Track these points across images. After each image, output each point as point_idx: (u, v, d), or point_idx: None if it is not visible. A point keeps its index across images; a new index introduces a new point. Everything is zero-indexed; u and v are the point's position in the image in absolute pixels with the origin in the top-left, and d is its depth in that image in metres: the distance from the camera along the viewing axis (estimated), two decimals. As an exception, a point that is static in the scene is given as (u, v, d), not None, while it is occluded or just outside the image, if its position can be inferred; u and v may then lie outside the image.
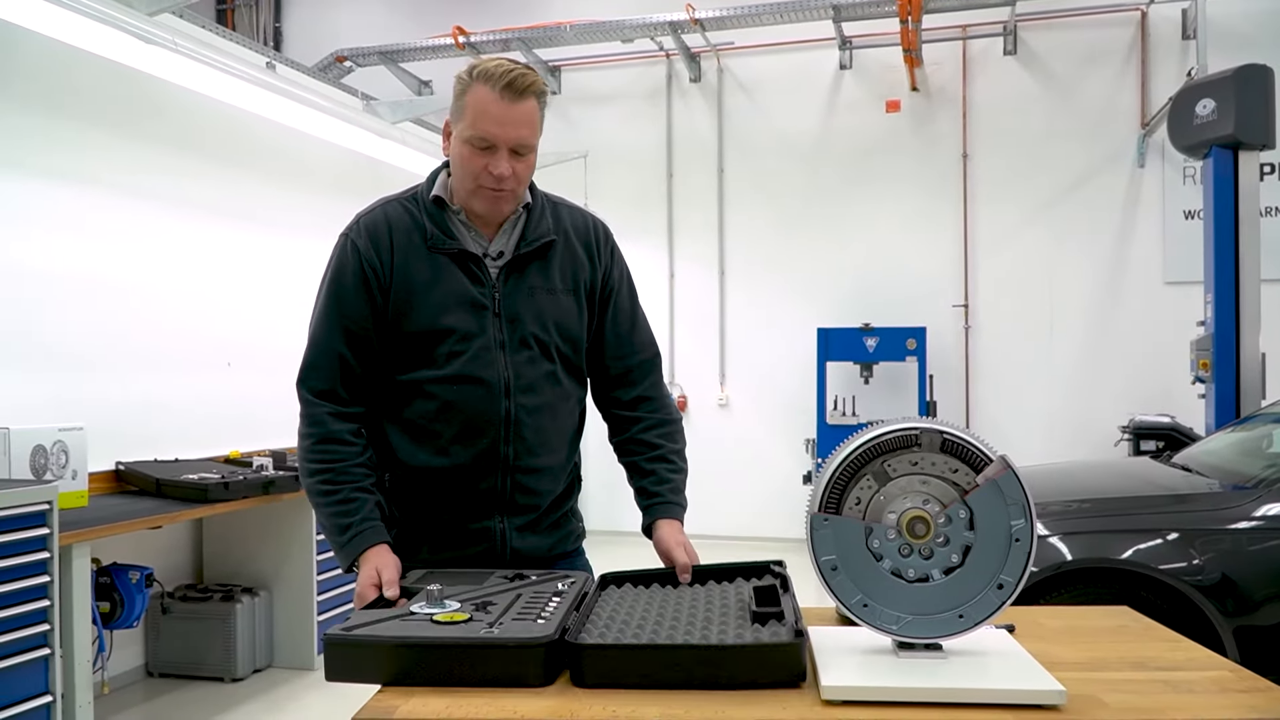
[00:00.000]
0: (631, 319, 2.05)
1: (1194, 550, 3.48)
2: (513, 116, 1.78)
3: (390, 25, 9.04)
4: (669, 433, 2.06)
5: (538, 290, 1.90)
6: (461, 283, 1.86)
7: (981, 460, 1.44)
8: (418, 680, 1.37)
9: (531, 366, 1.89)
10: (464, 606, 1.53)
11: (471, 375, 1.85)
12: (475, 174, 1.81)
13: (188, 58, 4.04)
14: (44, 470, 3.77)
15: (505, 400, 1.86)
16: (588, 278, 1.97)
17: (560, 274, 1.93)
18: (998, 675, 1.34)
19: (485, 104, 1.77)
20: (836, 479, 1.46)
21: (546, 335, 1.90)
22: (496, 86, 1.77)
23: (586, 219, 2.03)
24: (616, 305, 2.02)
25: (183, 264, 4.88)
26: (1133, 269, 7.48)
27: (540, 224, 1.93)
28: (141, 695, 4.48)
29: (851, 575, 1.44)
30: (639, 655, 1.38)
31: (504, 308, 1.87)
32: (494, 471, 1.88)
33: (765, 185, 8.18)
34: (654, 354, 2.10)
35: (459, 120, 1.83)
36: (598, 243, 2.01)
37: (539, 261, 1.91)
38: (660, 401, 2.08)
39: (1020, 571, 1.41)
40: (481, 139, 1.78)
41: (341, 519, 1.83)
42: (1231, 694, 1.35)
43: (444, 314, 1.85)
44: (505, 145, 1.79)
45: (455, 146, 1.84)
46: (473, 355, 1.85)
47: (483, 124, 1.78)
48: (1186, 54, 7.24)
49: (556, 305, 1.92)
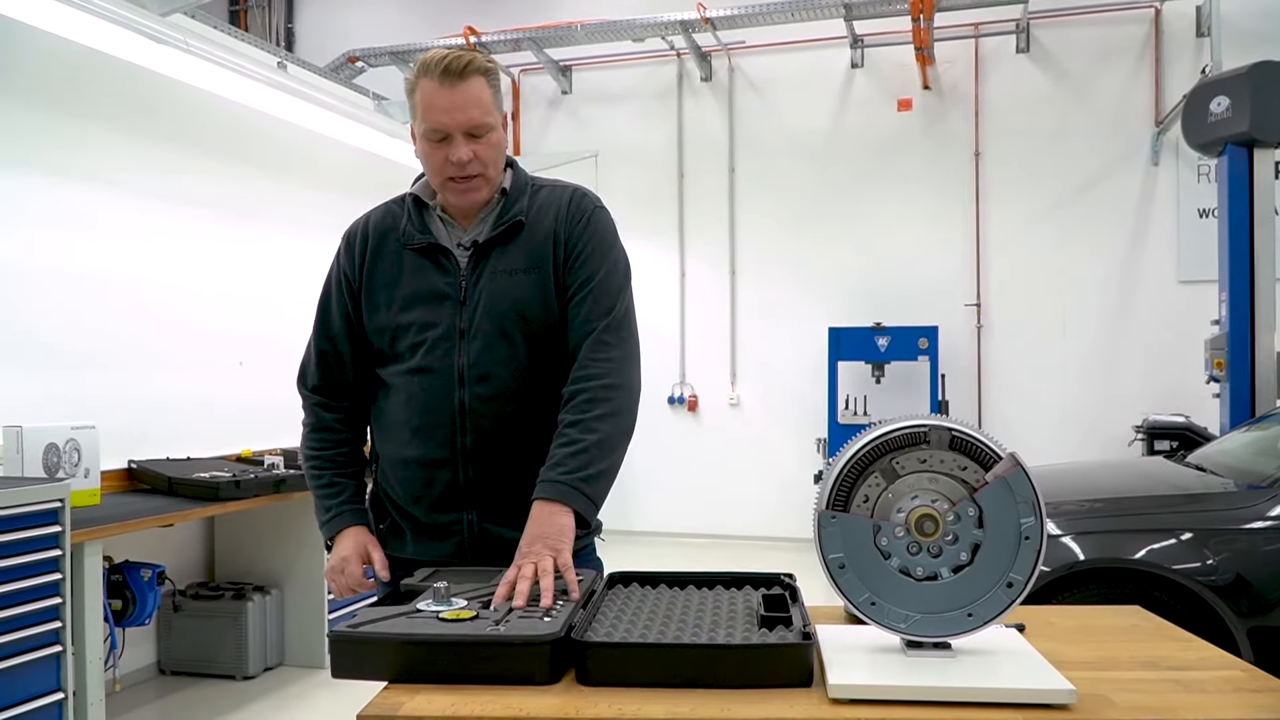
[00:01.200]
0: (593, 290, 1.87)
1: (1208, 550, 3.45)
2: (456, 100, 1.77)
3: (402, 26, 9.06)
4: (579, 399, 1.81)
5: (500, 274, 1.86)
6: (427, 276, 1.88)
7: (991, 457, 1.42)
8: (423, 677, 1.37)
9: (488, 353, 1.84)
10: (470, 604, 1.53)
11: (428, 367, 1.86)
12: (439, 167, 1.82)
13: (200, 58, 4.05)
14: (56, 468, 3.78)
15: (459, 389, 1.84)
16: (552, 254, 1.88)
17: (525, 253, 1.87)
18: (1007, 674, 1.33)
19: (429, 95, 1.78)
20: (844, 476, 1.45)
21: (507, 320, 1.84)
22: (434, 74, 1.77)
23: (561, 194, 1.94)
24: (579, 278, 1.87)
25: (195, 263, 4.90)
26: (1146, 268, 7.43)
27: (514, 207, 1.89)
28: (153, 693, 4.50)
29: (859, 573, 1.43)
30: (645, 654, 1.37)
31: (469, 295, 1.86)
32: (455, 463, 1.86)
33: (776, 184, 8.16)
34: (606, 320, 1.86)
35: (414, 118, 1.85)
36: (564, 215, 1.90)
37: (504, 244, 1.88)
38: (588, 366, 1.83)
39: (1030, 570, 1.40)
40: (434, 130, 1.79)
41: (325, 500, 1.97)
42: (1244, 694, 1.33)
43: (406, 309, 1.88)
44: (458, 130, 1.78)
45: (419, 146, 1.86)
46: (430, 346, 1.86)
47: (431, 115, 1.78)
48: (1201, 51, 7.19)
49: (519, 287, 1.85)
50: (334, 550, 1.94)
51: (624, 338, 1.88)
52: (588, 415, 1.79)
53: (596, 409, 1.79)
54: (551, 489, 1.73)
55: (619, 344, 1.86)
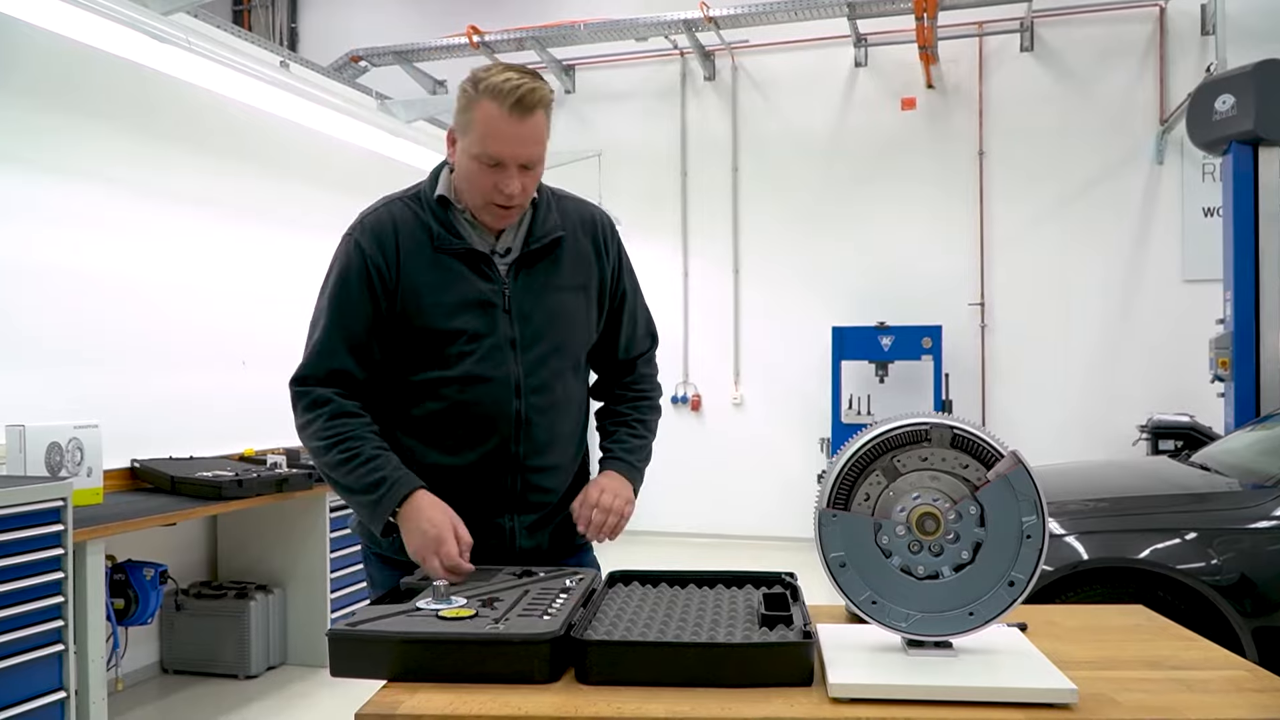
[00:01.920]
0: (635, 317, 2.06)
1: (1212, 550, 3.44)
2: (522, 135, 1.74)
3: (405, 25, 9.06)
4: (641, 405, 2.08)
5: (549, 288, 1.89)
6: (470, 282, 1.84)
7: (992, 456, 1.42)
8: (422, 676, 1.36)
9: (543, 365, 1.88)
10: (470, 603, 1.52)
11: (482, 375, 1.83)
12: (485, 191, 1.79)
13: (202, 56, 4.05)
14: (59, 467, 3.79)
15: (516, 400, 1.85)
16: (596, 276, 1.96)
17: (570, 271, 1.92)
18: (1008, 673, 1.32)
19: (494, 122, 1.73)
20: (845, 475, 1.45)
21: (558, 333, 1.90)
22: (505, 104, 1.72)
23: (592, 214, 2.01)
24: (625, 305, 2.03)
25: (198, 262, 4.90)
26: (1151, 267, 7.41)
27: (547, 220, 1.90)
28: (156, 692, 4.50)
29: (860, 572, 1.42)
30: (645, 652, 1.36)
31: (514, 305, 1.85)
32: (505, 471, 1.88)
33: (780, 184, 8.15)
34: (653, 343, 2.14)
35: (465, 134, 1.78)
36: (605, 239, 1.99)
37: (549, 258, 1.90)
38: (646, 380, 2.11)
39: (1032, 568, 1.39)
40: (491, 158, 1.75)
41: (370, 475, 1.77)
42: (1247, 693, 1.32)
43: (453, 315, 1.83)
44: (514, 163, 1.76)
45: (462, 160, 1.81)
46: (483, 355, 1.83)
47: (492, 144, 1.74)
48: (1205, 49, 7.17)
49: (567, 303, 1.91)
50: (417, 516, 1.73)
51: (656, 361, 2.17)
52: (649, 419, 2.08)
53: (655, 416, 2.10)
54: (625, 468, 1.97)
55: (657, 367, 2.16)
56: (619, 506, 1.87)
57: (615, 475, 1.95)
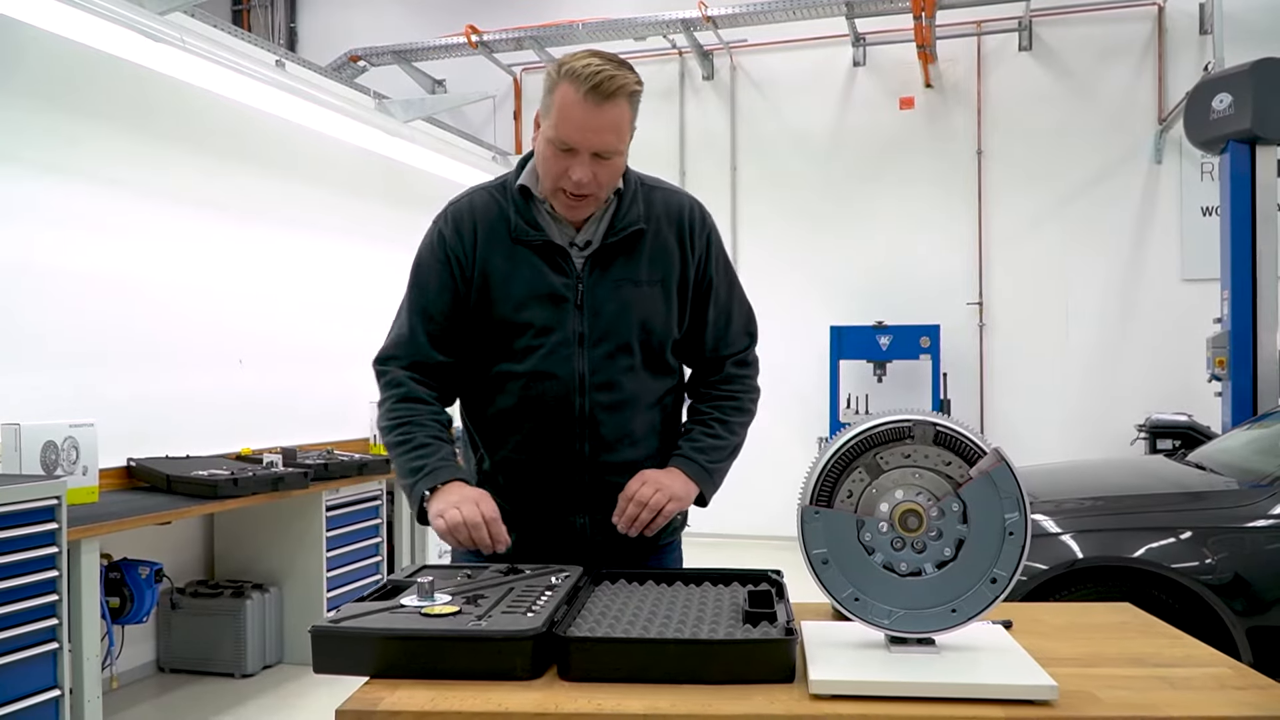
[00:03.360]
0: (728, 312, 1.99)
1: (1207, 549, 3.44)
2: (596, 122, 1.71)
3: (404, 25, 9.06)
4: (725, 405, 1.99)
5: (624, 283, 1.85)
6: (543, 275, 1.82)
7: (975, 453, 1.41)
8: (405, 673, 1.36)
9: (610, 362, 1.85)
10: (455, 599, 1.52)
11: (547, 371, 1.83)
12: (556, 176, 1.76)
13: (197, 56, 4.05)
14: (55, 466, 3.79)
15: (580, 397, 1.83)
16: (678, 269, 1.90)
17: (648, 265, 1.87)
18: (989, 670, 1.32)
19: (569, 106, 1.70)
20: (828, 472, 1.44)
21: (628, 330, 1.85)
22: (582, 89, 1.69)
23: (682, 203, 1.95)
24: (712, 298, 1.96)
25: (195, 261, 4.91)
26: (1150, 266, 7.41)
27: (630, 211, 1.86)
28: (152, 690, 4.51)
29: (843, 569, 1.42)
30: (626, 649, 1.36)
31: (586, 300, 1.83)
32: (572, 468, 1.87)
33: (779, 183, 8.15)
34: (751, 342, 2.06)
35: (546, 117, 1.76)
36: (691, 229, 1.93)
37: (627, 251, 1.86)
38: (737, 381, 2.02)
39: (1014, 565, 1.39)
40: (563, 142, 1.72)
41: (414, 461, 1.79)
42: (1230, 691, 1.32)
43: (522, 307, 1.82)
44: (586, 150, 1.72)
45: (539, 145, 1.79)
46: (549, 350, 1.82)
47: (564, 128, 1.71)
48: (1204, 48, 7.17)
49: (642, 298, 1.86)
50: (451, 497, 1.73)
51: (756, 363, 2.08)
52: (734, 420, 1.98)
53: (743, 418, 2.00)
54: (692, 467, 1.89)
55: (756, 368, 2.08)
56: (657, 501, 1.81)
57: (674, 471, 1.89)
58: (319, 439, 5.64)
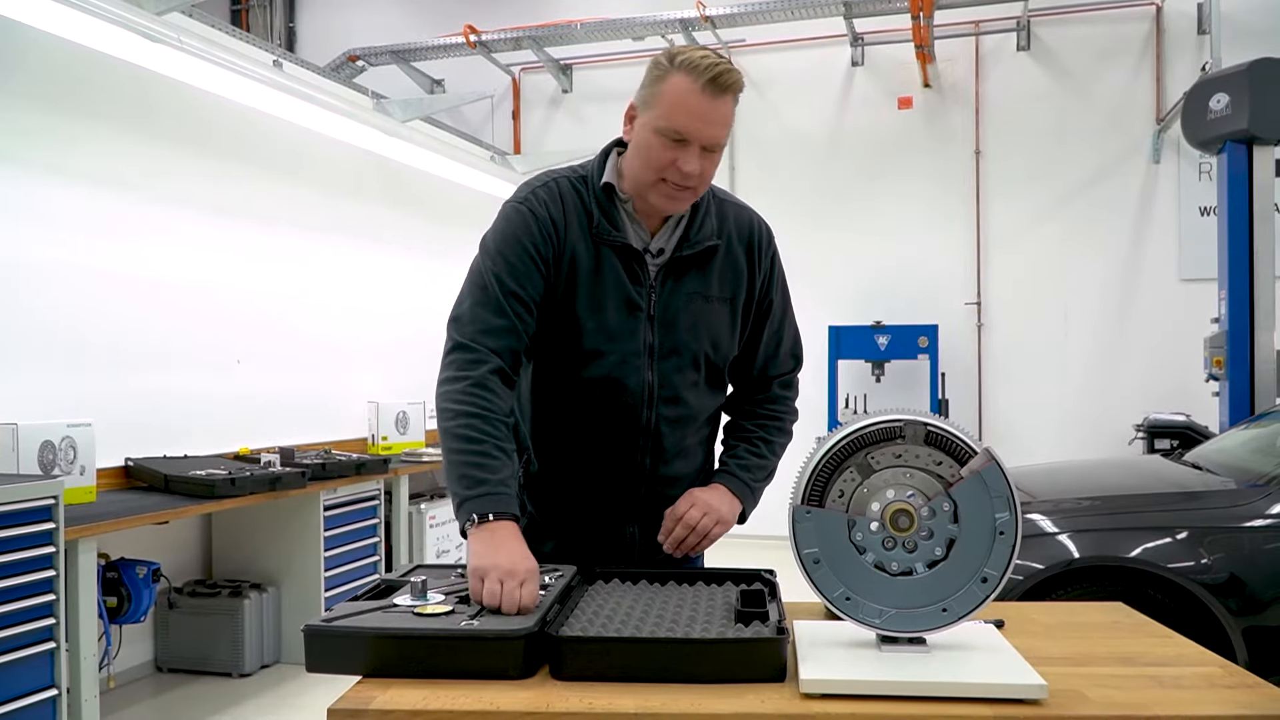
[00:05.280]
0: (780, 334, 1.98)
1: (1203, 549, 3.44)
2: (712, 114, 1.69)
3: (403, 25, 9.07)
4: (770, 426, 1.99)
5: (695, 297, 1.83)
6: (620, 277, 1.79)
7: (966, 452, 1.42)
8: (397, 672, 1.37)
9: (678, 375, 1.84)
10: (447, 599, 1.52)
11: (618, 380, 1.80)
12: (661, 167, 1.71)
13: (194, 56, 4.05)
14: (52, 466, 3.79)
15: (647, 410, 1.82)
16: (745, 287, 1.90)
17: (719, 281, 1.86)
18: (979, 669, 1.33)
19: (685, 96, 1.67)
20: (820, 471, 1.45)
21: (698, 345, 1.84)
22: (700, 80, 1.66)
23: (751, 221, 1.94)
24: (769, 320, 1.96)
25: (195, 260, 4.90)
26: (1148, 266, 7.42)
27: (705, 225, 1.84)
28: (150, 690, 4.51)
29: (834, 568, 1.42)
30: (618, 648, 1.37)
31: (658, 310, 1.81)
32: (631, 479, 1.87)
33: (777, 183, 8.16)
34: (796, 365, 2.04)
35: (650, 108, 1.71)
36: (759, 249, 1.92)
37: (699, 265, 1.84)
38: (781, 403, 2.02)
39: (1004, 564, 1.39)
40: (676, 132, 1.68)
41: (478, 471, 1.62)
42: (1219, 690, 1.32)
43: (599, 307, 1.79)
44: (699, 142, 1.69)
45: (641, 135, 1.73)
46: (620, 359, 1.80)
47: (680, 117, 1.68)
48: (1202, 48, 7.17)
49: (711, 314, 1.86)
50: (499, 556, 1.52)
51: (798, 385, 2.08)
52: (776, 441, 1.98)
53: (784, 439, 2.00)
54: (739, 485, 1.91)
55: (797, 391, 2.07)
56: (705, 525, 1.82)
57: (720, 489, 1.90)
58: (317, 438, 5.65)
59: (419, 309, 6.48)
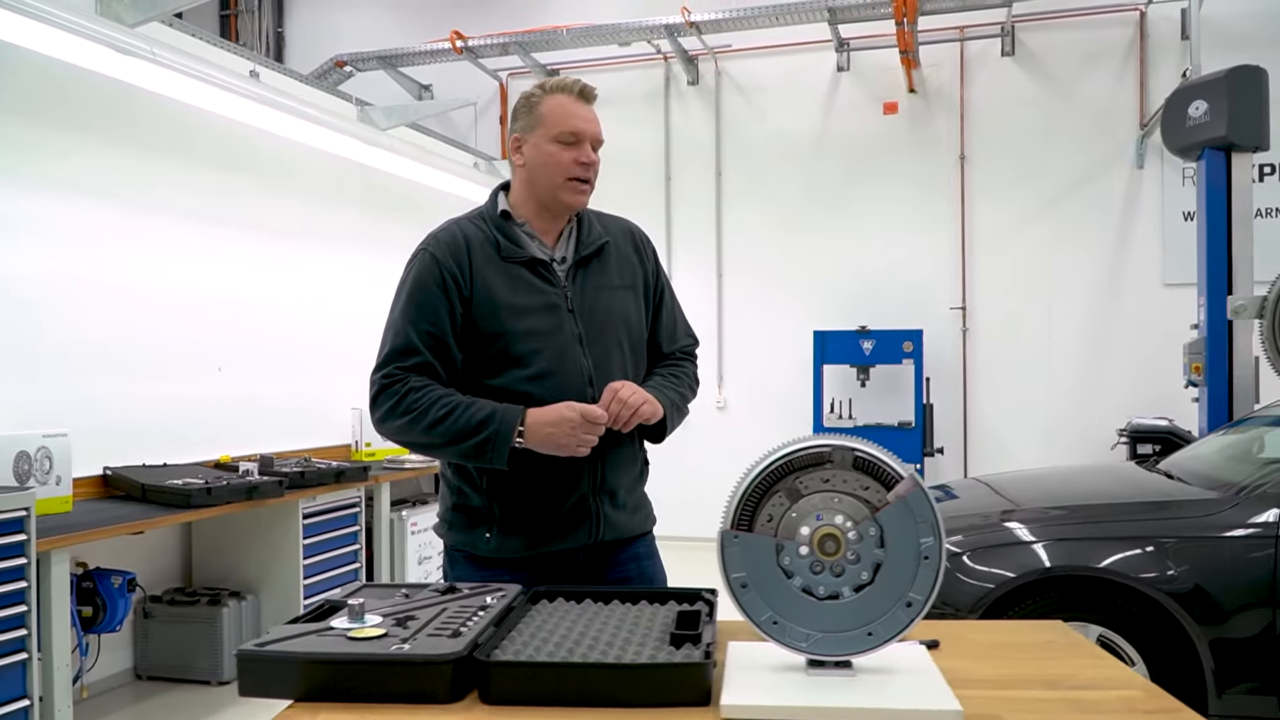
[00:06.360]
0: (674, 316, 2.30)
1: (1169, 559, 3.46)
2: (590, 115, 2.07)
3: (392, 30, 9.09)
4: (676, 371, 2.23)
5: (602, 289, 2.11)
6: (536, 287, 2.04)
7: (893, 478, 1.44)
8: (328, 696, 1.38)
9: (607, 358, 2.07)
10: (385, 621, 1.54)
11: (557, 370, 2.01)
12: (565, 167, 2.03)
13: (166, 68, 4.05)
14: (27, 476, 3.80)
15: (590, 389, 2.02)
16: (641, 276, 2.20)
17: (618, 272, 2.15)
18: (899, 694, 1.34)
19: (568, 106, 2.04)
20: (748, 496, 1.47)
21: (616, 328, 2.10)
22: (573, 92, 2.06)
23: (628, 224, 2.28)
24: (665, 301, 2.26)
25: (176, 269, 4.91)
26: (1131, 271, 7.44)
27: (593, 230, 2.15)
28: (129, 698, 4.52)
29: (762, 592, 1.44)
30: (545, 672, 1.38)
31: (576, 305, 2.06)
32: (588, 461, 2.00)
33: (763, 188, 8.18)
34: (694, 341, 2.34)
35: (537, 128, 2.05)
36: (642, 245, 2.25)
37: (597, 262, 2.12)
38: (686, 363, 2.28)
39: (929, 589, 1.41)
40: (571, 134, 2.03)
41: (479, 414, 1.92)
42: (1137, 714, 1.34)
43: (524, 317, 2.01)
44: (589, 139, 2.05)
45: (539, 151, 2.05)
46: (556, 352, 2.01)
47: (571, 122, 2.03)
48: (1186, 54, 7.19)
49: (620, 300, 2.13)
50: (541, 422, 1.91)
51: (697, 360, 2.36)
52: (685, 381, 2.23)
53: (691, 384, 2.25)
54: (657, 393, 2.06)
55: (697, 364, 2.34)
56: (635, 401, 1.97)
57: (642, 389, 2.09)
58: (301, 445, 5.66)
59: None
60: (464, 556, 2.09)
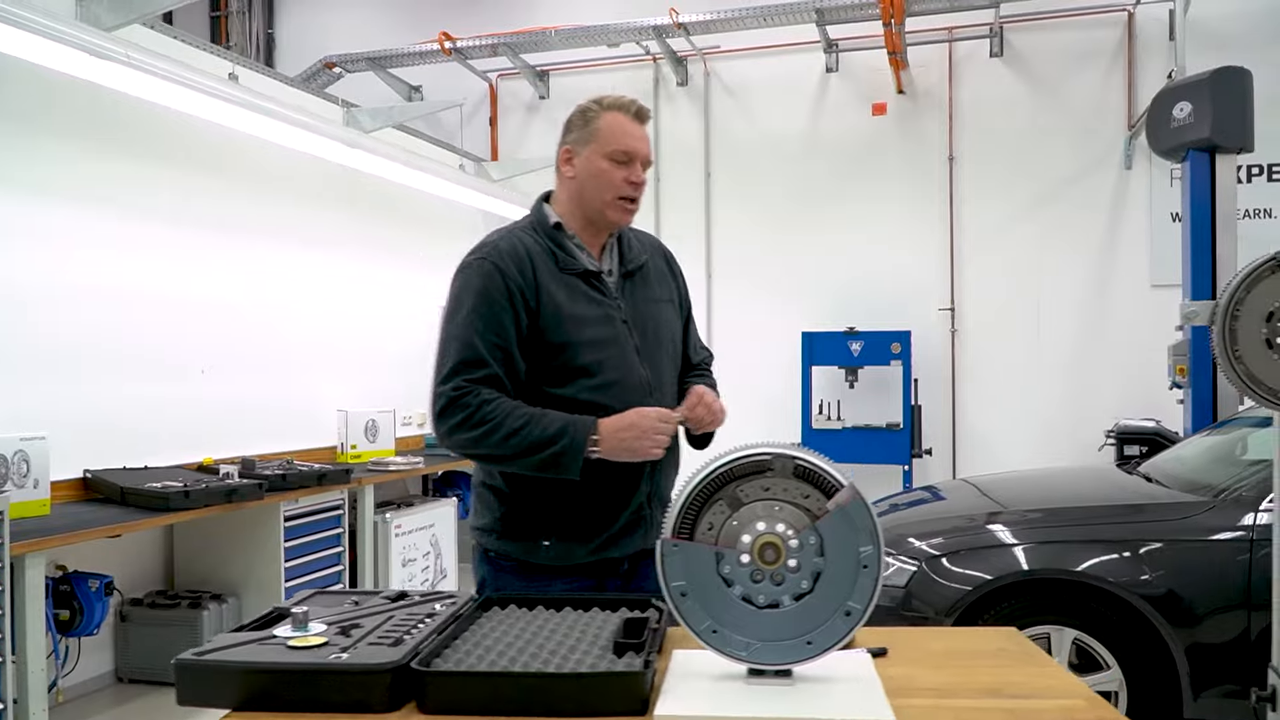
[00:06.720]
0: (696, 330, 2.42)
1: (1145, 563, 3.45)
2: (643, 135, 2.13)
3: (381, 31, 9.07)
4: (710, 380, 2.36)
5: (649, 301, 2.20)
6: (593, 298, 2.10)
7: (833, 486, 1.43)
8: (266, 706, 1.38)
9: (660, 368, 2.16)
10: (327, 630, 1.54)
11: (621, 380, 2.07)
12: (616, 185, 2.08)
13: (143, 71, 4.04)
14: (3, 480, 3.80)
15: (649, 398, 2.08)
16: (675, 289, 2.32)
17: (659, 286, 2.25)
18: (835, 703, 1.34)
19: (623, 124, 2.09)
20: (689, 505, 1.46)
21: (664, 340, 2.21)
22: (629, 112, 2.11)
23: (657, 240, 2.37)
24: (691, 317, 2.39)
25: (159, 271, 4.90)
26: (1120, 271, 7.42)
27: (633, 245, 2.23)
28: (109, 700, 4.52)
29: (701, 601, 1.44)
30: (481, 683, 1.38)
31: (628, 317, 2.13)
32: (645, 467, 2.06)
33: (752, 188, 8.16)
34: (710, 357, 2.46)
35: (590, 143, 2.10)
36: (671, 260, 2.36)
37: (641, 276, 2.20)
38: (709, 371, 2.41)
39: (868, 598, 1.41)
40: (625, 153, 2.08)
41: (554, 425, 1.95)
42: (1074, 724, 1.34)
43: (586, 328, 2.06)
44: (640, 159, 2.11)
45: (590, 165, 2.09)
46: (619, 362, 2.08)
47: (626, 140, 2.09)
48: (1174, 55, 7.17)
49: (665, 313, 2.24)
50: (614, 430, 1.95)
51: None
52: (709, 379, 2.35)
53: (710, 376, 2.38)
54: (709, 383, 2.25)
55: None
56: (719, 406, 2.13)
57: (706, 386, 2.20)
58: (286, 447, 5.65)
59: (389, 317, 6.49)
60: (513, 565, 2.08)
